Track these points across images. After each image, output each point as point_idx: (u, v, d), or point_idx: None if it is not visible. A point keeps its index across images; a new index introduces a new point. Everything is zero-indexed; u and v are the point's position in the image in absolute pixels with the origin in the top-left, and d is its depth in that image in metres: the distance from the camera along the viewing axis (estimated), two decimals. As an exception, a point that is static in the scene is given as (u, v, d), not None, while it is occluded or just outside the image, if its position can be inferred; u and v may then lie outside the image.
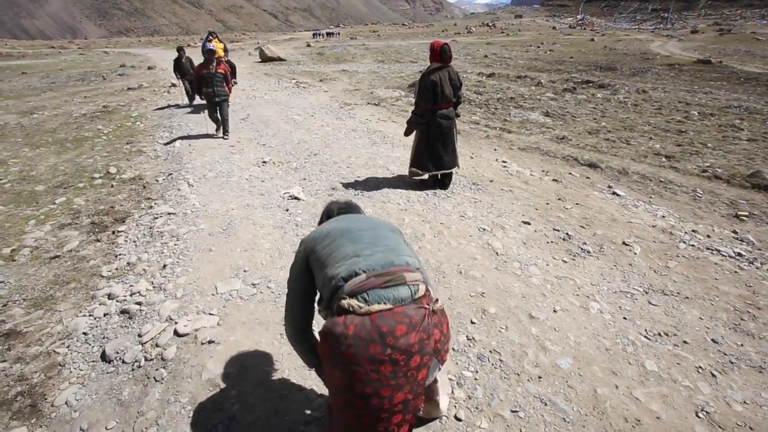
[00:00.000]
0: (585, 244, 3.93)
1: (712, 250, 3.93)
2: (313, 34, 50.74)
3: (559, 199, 4.97)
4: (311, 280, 1.53)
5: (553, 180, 5.72)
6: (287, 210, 4.48)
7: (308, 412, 2.14)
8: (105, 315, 2.91)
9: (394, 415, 1.27)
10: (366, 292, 1.27)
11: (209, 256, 3.55)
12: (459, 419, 2.12)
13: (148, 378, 2.38)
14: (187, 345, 2.56)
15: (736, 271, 3.56)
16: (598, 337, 2.72)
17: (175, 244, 3.75)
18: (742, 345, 2.73)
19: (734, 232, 4.39)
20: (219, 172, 5.67)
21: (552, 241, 3.97)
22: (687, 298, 3.20)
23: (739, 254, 3.85)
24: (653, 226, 4.39)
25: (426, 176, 5.14)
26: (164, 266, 3.40)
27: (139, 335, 2.66)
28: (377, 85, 13.51)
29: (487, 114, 9.57)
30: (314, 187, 5.13)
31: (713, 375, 2.46)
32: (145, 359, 2.50)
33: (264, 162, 6.03)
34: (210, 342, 2.55)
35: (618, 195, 5.26)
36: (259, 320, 2.78)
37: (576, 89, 12.48)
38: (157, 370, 2.42)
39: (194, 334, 2.63)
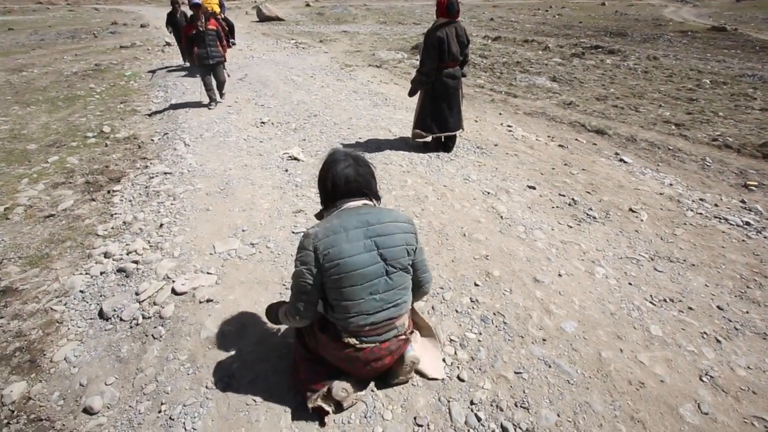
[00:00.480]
0: (591, 209, 3.85)
1: (720, 218, 3.85)
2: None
3: (565, 164, 4.84)
4: (321, 279, 1.67)
5: (559, 145, 5.57)
6: (286, 170, 4.36)
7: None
8: (101, 273, 2.85)
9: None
10: (365, 335, 1.75)
11: (207, 215, 3.46)
12: (462, 380, 2.10)
13: (147, 335, 2.35)
14: (185, 303, 2.51)
15: (743, 240, 3.49)
16: (603, 301, 2.68)
17: (171, 204, 3.65)
18: (747, 312, 2.70)
19: (742, 201, 4.30)
20: (216, 132, 5.49)
21: (557, 206, 3.89)
22: (693, 265, 3.15)
23: (747, 223, 3.78)
24: (660, 194, 4.30)
25: (429, 138, 4.99)
26: (161, 225, 3.32)
27: (137, 293, 2.61)
28: (379, 46, 13.00)
29: (492, 78, 9.25)
30: (314, 148, 4.98)
31: (718, 341, 2.44)
32: (143, 317, 2.46)
33: (262, 123, 5.84)
34: (208, 301, 2.50)
35: (625, 162, 5.13)
36: (258, 279, 2.73)
37: (584, 54, 12.04)
38: (155, 327, 2.38)
39: (192, 293, 2.58)
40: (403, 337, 1.85)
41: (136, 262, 2.89)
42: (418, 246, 1.80)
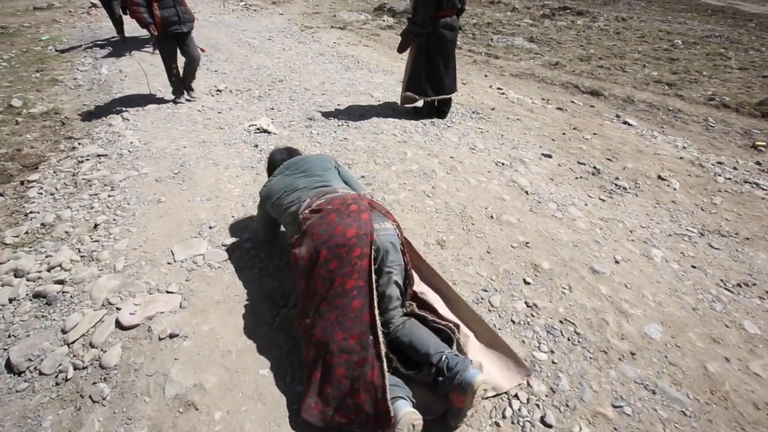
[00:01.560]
0: (618, 179, 3.37)
1: (751, 183, 3.51)
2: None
3: (574, 128, 4.34)
4: (273, 219, 2.04)
5: (558, 108, 5.07)
6: (256, 146, 3.52)
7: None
8: (11, 301, 1.99)
9: (353, 248, 1.50)
10: (317, 202, 1.71)
11: (158, 209, 2.61)
12: (548, 425, 1.53)
13: (82, 397, 1.57)
14: (138, 342, 1.74)
15: (787, 206, 3.16)
16: (677, 293, 2.20)
17: (109, 196, 2.75)
18: (826, 292, 2.32)
19: (758, 163, 4.01)
20: (162, 102, 4.46)
21: (581, 177, 3.37)
22: (747, 239, 2.76)
23: (779, 187, 3.46)
24: (680, 158, 3.91)
25: (421, 103, 4.29)
26: (95, 226, 2.44)
27: (63, 331, 1.80)
28: (339, 8, 11.84)
29: (467, 39, 8.57)
30: (286, 117, 4.13)
31: (817, 332, 2.03)
32: (75, 368, 1.67)
33: (219, 90, 4.85)
34: (172, 336, 1.74)
35: (630, 125, 4.72)
36: (240, 297, 1.99)
37: (554, 15, 11.63)
38: (94, 384, 1.60)
39: (147, 325, 1.80)
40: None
41: (61, 282, 2.04)
42: (338, 164, 2.14)
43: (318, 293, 1.49)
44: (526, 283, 2.15)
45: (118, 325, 1.80)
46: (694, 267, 2.44)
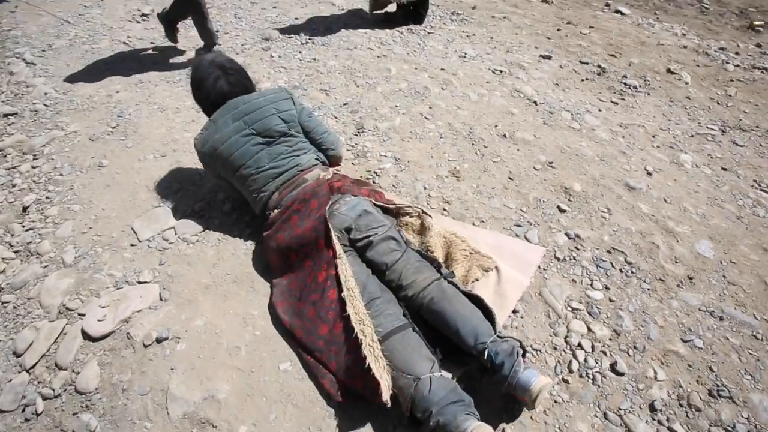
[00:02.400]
0: (626, 77, 3.04)
1: (760, 69, 3.27)
2: None
3: (568, 23, 3.86)
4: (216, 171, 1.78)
5: (543, 1, 4.50)
6: (208, 82, 2.87)
7: None
8: (-67, 318, 1.54)
9: (316, 242, 1.45)
10: (282, 201, 1.62)
11: (102, 176, 2.08)
12: (619, 372, 1.35)
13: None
14: (119, 355, 1.38)
15: (801, 89, 2.96)
16: (717, 201, 2.01)
17: (33, 167, 2.16)
18: None
19: (758, 45, 3.76)
20: (74, 37, 3.55)
21: (587, 78, 3.01)
22: (769, 130, 2.57)
23: (788, 68, 3.24)
24: (684, 47, 3.58)
25: (393, 7, 3.64)
26: (24, 210, 1.91)
27: (16, 354, 1.41)
28: None
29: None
30: (237, 40, 3.40)
31: None
32: (45, 397, 1.31)
33: (144, 15, 3.92)
34: (160, 340, 1.39)
35: (623, 14, 4.28)
36: (232, 274, 1.63)
37: None
38: (75, 415, 1.27)
39: (124, 331, 1.43)
40: (320, 180, 1.65)
41: (-6, 288, 1.59)
42: (298, 108, 1.76)
43: (294, 294, 1.46)
44: (561, 210, 1.89)
45: (86, 336, 1.42)
46: (724, 169, 2.25)
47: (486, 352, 1.18)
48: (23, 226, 1.84)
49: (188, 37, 3.42)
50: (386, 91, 2.68)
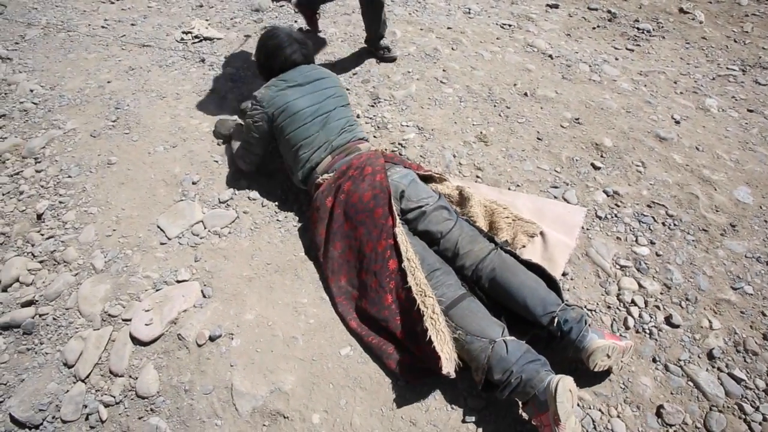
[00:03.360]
0: (638, 21, 2.92)
1: (772, -2, 3.15)
2: None
3: (571, -34, 3.66)
4: (273, 139, 1.78)
5: (539, -55, 4.25)
6: (203, 60, 2.72)
7: None
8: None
9: (373, 211, 1.40)
10: (335, 165, 1.60)
11: (114, 174, 1.98)
12: (675, 325, 1.37)
13: (133, 439, 1.24)
14: (174, 357, 1.36)
15: (817, 18, 2.88)
16: (749, 145, 1.99)
17: (37, 171, 2.04)
18: None
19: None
20: (46, 25, 3.30)
21: (599, 26, 2.90)
22: (789, 64, 2.51)
23: (800, -4, 3.13)
24: (693, -18, 3.42)
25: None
26: (39, 217, 1.83)
27: (67, 365, 1.38)
28: None
29: None
30: (225, 15, 3.19)
31: None
32: (107, 405, 1.30)
33: None
34: (213, 338, 1.37)
35: (624, -49, 4.06)
36: (273, 263, 1.59)
37: None
38: (141, 419, 1.26)
39: (175, 333, 1.40)
40: (373, 150, 1.66)
41: (30, 303, 1.53)
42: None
43: (353, 265, 1.43)
44: (596, 168, 1.85)
45: (136, 341, 1.39)
46: (751, 111, 2.21)
47: (556, 321, 1.17)
48: (42, 235, 1.76)
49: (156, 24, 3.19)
50: (396, 57, 2.55)
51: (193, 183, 1.91)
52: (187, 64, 2.71)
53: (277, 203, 1.81)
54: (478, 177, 1.82)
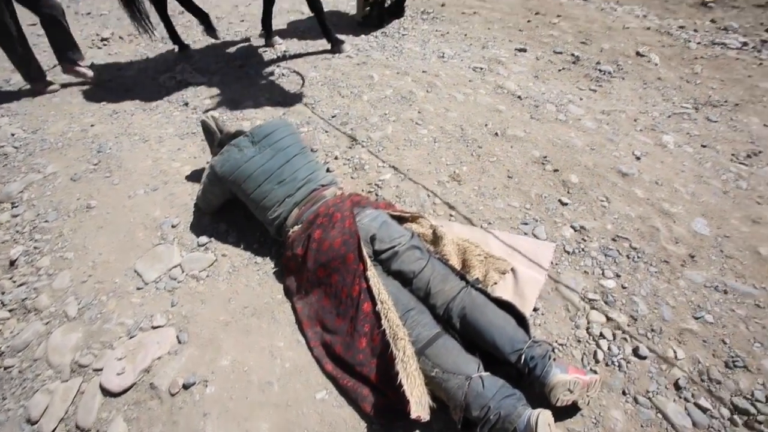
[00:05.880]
0: (599, 63, 3.13)
1: (719, 44, 3.44)
2: None
3: (537, 13, 3.94)
4: (232, 196, 1.83)
5: (507, -7, 4.57)
6: (186, 104, 2.80)
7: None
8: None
9: (345, 256, 1.44)
10: (302, 216, 1.64)
11: (92, 218, 1.99)
12: (641, 356, 1.41)
13: (98, 496, 1.19)
14: (145, 407, 1.33)
15: (759, 64, 3.14)
16: (703, 178, 2.11)
17: (13, 216, 2.04)
18: (820, 143, 2.36)
19: (713, 21, 3.94)
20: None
21: (564, 68, 3.09)
22: (737, 105, 2.72)
23: (744, 44, 3.42)
24: (648, 29, 3.72)
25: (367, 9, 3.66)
26: (12, 263, 1.81)
27: (30, 422, 1.33)
28: None
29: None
30: (208, 60, 3.31)
31: (832, 187, 2.06)
32: (71, 462, 1.25)
33: (104, 40, 3.76)
34: (187, 386, 1.35)
35: (585, -1, 4.39)
36: (250, 306, 1.60)
37: None
38: (108, 477, 1.22)
39: (147, 382, 1.38)
40: (339, 196, 1.70)
41: (-4, 352, 1.50)
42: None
43: (328, 310, 1.45)
44: (563, 204, 1.94)
45: (106, 392, 1.36)
46: (704, 146, 2.36)
47: (522, 358, 1.20)
48: (14, 282, 1.74)
49: (156, 71, 3.30)
50: (372, 99, 2.67)
51: (173, 226, 1.93)
52: (170, 108, 2.79)
53: (255, 245, 1.83)
54: (451, 215, 1.89)
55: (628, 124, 2.49)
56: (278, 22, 3.86)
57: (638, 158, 2.21)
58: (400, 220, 1.69)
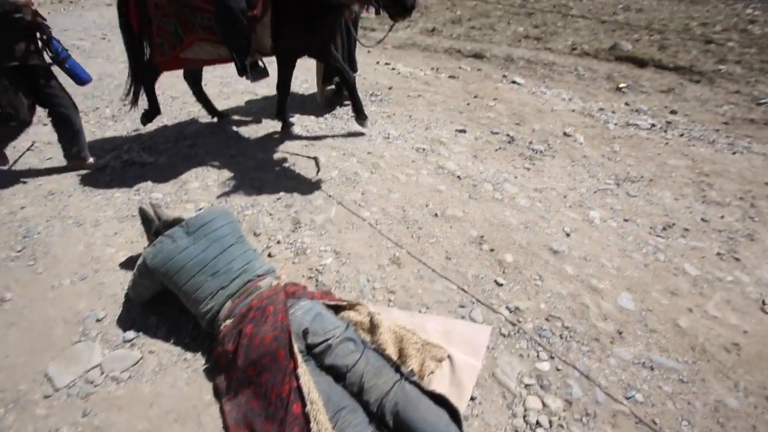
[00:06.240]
0: (532, 143, 3.43)
1: (632, 125, 3.89)
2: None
3: (475, 96, 4.34)
4: (163, 288, 1.77)
5: (450, 77, 5.05)
6: (129, 185, 2.76)
7: None
8: None
9: (276, 353, 1.40)
10: (235, 310, 1.58)
11: (4, 314, 1.83)
12: (578, 445, 1.40)
13: None
14: None
15: (666, 143, 3.55)
16: (626, 252, 2.27)
17: None
18: (722, 216, 2.64)
19: (627, 104, 4.48)
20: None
21: (500, 148, 3.36)
22: (651, 180, 3.02)
23: (653, 125, 3.89)
24: (573, 111, 4.16)
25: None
26: None
27: None
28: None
29: (338, 13, 8.12)
30: (157, 139, 3.34)
31: (736, 259, 2.28)
32: None
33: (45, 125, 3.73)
34: None
35: (518, 84, 4.91)
36: (173, 411, 1.48)
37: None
38: None
39: None
40: (274, 288, 1.64)
41: None
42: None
43: (257, 413, 1.37)
44: (499, 284, 2.01)
45: None
46: (626, 220, 2.56)
47: None
48: None
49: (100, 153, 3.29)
50: (318, 180, 2.75)
51: (98, 320, 1.81)
52: (112, 189, 2.74)
53: (187, 339, 1.74)
54: (390, 300, 1.90)
55: (558, 201, 2.69)
56: (231, 103, 4.01)
57: (568, 235, 2.36)
58: (337, 309, 1.69)
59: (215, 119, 3.58)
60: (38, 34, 2.51)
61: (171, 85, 4.38)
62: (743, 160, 3.32)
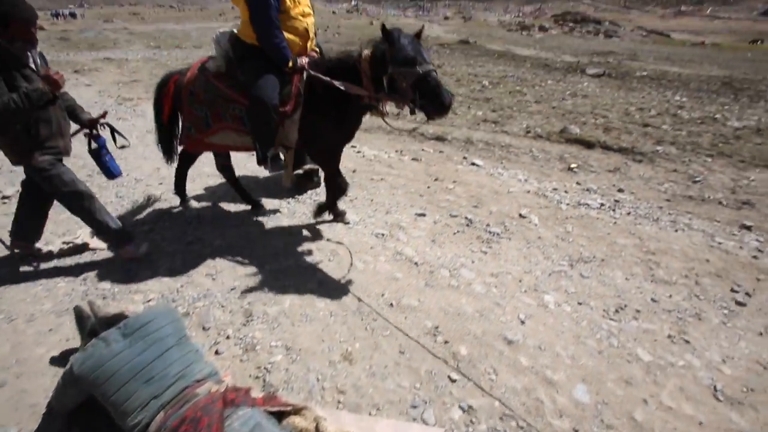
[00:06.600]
0: (489, 226, 3.56)
1: (583, 205, 4.12)
2: (53, 15, 38.70)
3: (436, 179, 4.54)
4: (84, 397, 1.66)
5: (413, 159, 5.31)
6: (75, 276, 2.65)
7: None
8: None
9: None
10: (167, 422, 1.45)
11: None
12: None
13: None
14: None
15: (615, 222, 3.75)
16: (580, 339, 2.28)
17: None
18: (671, 296, 2.73)
19: (578, 183, 4.79)
20: None
21: (459, 231, 3.46)
22: (603, 260, 3.14)
23: (602, 204, 4.13)
24: (528, 192, 4.40)
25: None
26: None
27: None
28: (160, 73, 10.82)
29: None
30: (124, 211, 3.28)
31: (686, 341, 2.32)
32: None
33: (5, 197, 3.66)
34: None
35: (477, 165, 5.21)
36: None
37: (383, 68, 12.72)
38: None
39: None
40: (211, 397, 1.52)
41: None
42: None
43: None
44: (452, 380, 1.95)
45: None
46: (580, 303, 2.61)
47: None
48: None
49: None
50: (275, 269, 2.73)
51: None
52: (56, 278, 2.62)
53: (110, 460, 1.57)
54: (339, 402, 1.80)
55: (514, 286, 2.73)
56: (195, 186, 4.05)
57: (523, 322, 2.37)
58: (282, 414, 1.58)
59: (250, 207, 3.57)
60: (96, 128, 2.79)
61: (136, 167, 4.43)
62: (685, 237, 3.52)
